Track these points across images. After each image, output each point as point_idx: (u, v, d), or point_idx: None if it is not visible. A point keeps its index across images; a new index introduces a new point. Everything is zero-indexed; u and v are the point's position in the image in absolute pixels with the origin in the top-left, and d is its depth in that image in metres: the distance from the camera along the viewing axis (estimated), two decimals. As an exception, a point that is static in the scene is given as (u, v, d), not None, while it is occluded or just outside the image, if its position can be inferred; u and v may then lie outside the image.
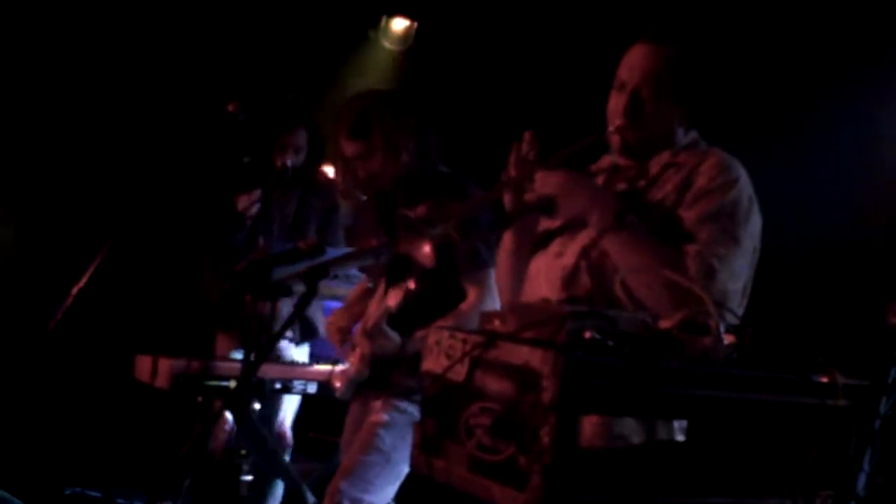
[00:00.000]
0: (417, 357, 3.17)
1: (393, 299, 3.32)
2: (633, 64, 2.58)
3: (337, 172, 3.60)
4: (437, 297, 3.35)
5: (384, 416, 3.39)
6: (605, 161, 2.72)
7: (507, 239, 2.73)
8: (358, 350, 3.46)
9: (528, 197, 2.54)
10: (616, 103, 2.59)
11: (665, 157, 2.59)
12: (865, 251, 4.66)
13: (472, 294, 3.34)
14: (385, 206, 3.54)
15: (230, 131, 4.36)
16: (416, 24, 6.93)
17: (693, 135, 2.65)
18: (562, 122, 2.73)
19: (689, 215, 2.45)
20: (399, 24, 6.93)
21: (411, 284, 3.35)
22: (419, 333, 3.30)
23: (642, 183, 2.58)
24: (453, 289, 3.35)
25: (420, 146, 3.47)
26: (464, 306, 3.34)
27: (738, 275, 2.42)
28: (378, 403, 3.46)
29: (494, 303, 3.18)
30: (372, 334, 3.33)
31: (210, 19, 6.24)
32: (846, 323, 4.17)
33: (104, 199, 5.96)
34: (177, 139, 6.01)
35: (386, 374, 3.42)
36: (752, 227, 2.50)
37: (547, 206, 2.50)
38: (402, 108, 3.50)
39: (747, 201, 2.49)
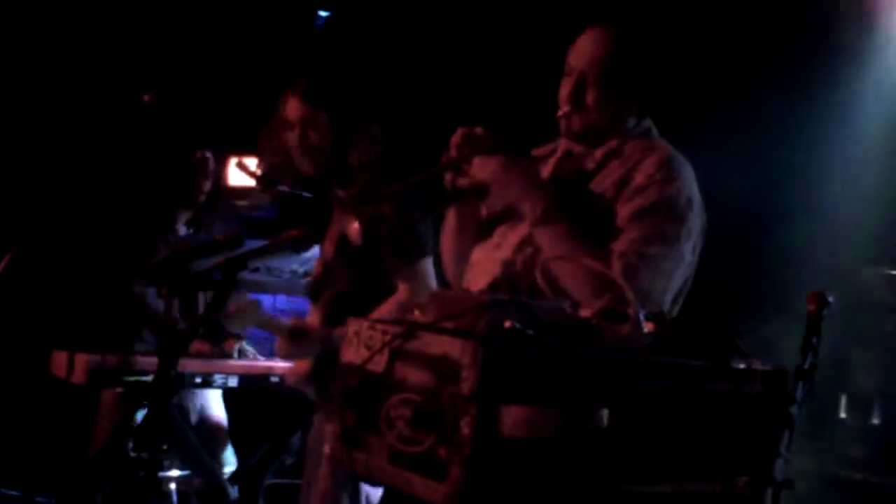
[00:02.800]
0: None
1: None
2: (580, 49, 2.56)
3: (268, 141, 3.53)
4: (367, 293, 3.31)
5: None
6: (561, 145, 2.68)
7: (450, 217, 2.70)
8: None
9: (463, 182, 2.52)
10: (564, 89, 2.56)
11: (612, 144, 2.55)
12: (783, 238, 4.74)
13: (401, 289, 3.30)
14: (317, 191, 3.50)
15: (146, 122, 4.30)
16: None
17: (646, 124, 2.62)
18: (503, 110, 2.72)
19: (622, 212, 2.42)
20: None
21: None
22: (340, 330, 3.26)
23: (587, 170, 2.55)
24: (383, 285, 3.31)
25: (371, 136, 3.44)
26: (392, 301, 3.29)
27: (664, 275, 2.38)
28: (329, 429, 3.35)
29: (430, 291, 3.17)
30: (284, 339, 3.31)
31: (121, 7, 6.13)
32: (763, 309, 4.24)
33: (15, 193, 5.82)
34: (89, 130, 5.90)
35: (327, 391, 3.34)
36: (691, 227, 2.45)
37: (482, 191, 2.49)
38: (363, 95, 3.47)
39: (685, 201, 2.45)
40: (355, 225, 3.19)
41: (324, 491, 3.26)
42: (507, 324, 1.80)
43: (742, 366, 1.96)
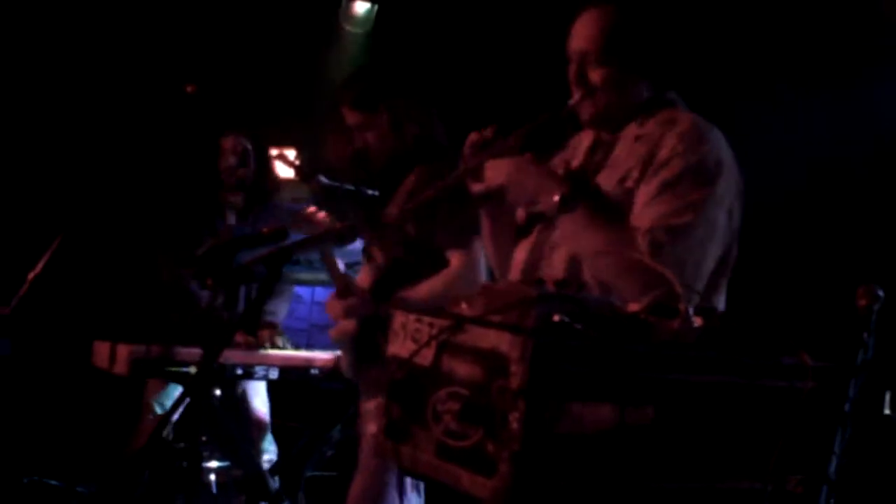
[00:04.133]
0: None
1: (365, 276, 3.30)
2: (576, 32, 2.52)
3: (333, 141, 3.54)
4: (420, 266, 3.29)
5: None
6: (586, 136, 2.64)
7: (483, 221, 2.69)
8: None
9: (480, 188, 2.49)
10: (570, 76, 2.52)
11: (632, 128, 2.50)
12: (836, 233, 4.68)
13: (455, 260, 3.26)
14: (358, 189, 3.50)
15: (188, 114, 4.31)
16: (376, 7, 6.91)
17: (668, 97, 2.55)
18: (529, 101, 2.69)
19: (647, 189, 2.36)
20: (359, 7, 6.91)
21: (378, 258, 3.30)
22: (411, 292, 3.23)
23: (614, 155, 2.50)
24: (436, 258, 3.28)
25: (424, 129, 3.43)
26: (447, 272, 3.25)
27: (696, 246, 2.31)
28: (370, 406, 3.34)
29: (480, 271, 3.16)
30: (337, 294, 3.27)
31: (168, 7, 6.16)
32: (815, 305, 4.19)
33: (60, 185, 5.87)
34: (131, 121, 5.93)
35: (372, 371, 3.32)
36: (722, 191, 2.37)
37: (499, 195, 2.47)
38: (411, 88, 3.46)
39: (713, 164, 2.37)
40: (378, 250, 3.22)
41: (369, 469, 3.26)
42: (556, 318, 1.78)
43: (794, 361, 1.92)
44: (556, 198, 2.35)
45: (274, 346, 4.58)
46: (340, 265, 3.28)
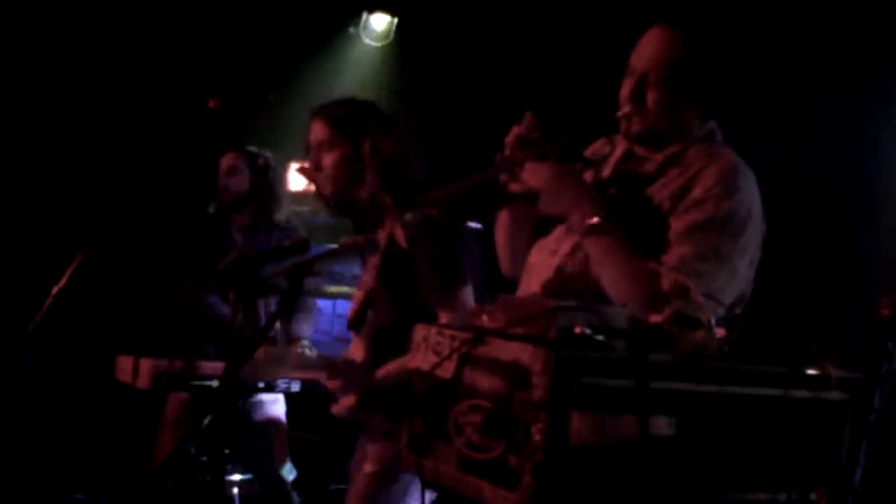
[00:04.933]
0: (389, 393, 3.10)
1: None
2: (642, 50, 2.50)
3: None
4: (409, 324, 3.26)
5: (374, 467, 3.25)
6: (620, 144, 2.63)
7: (503, 214, 2.68)
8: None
9: (515, 187, 2.49)
10: (624, 89, 2.51)
11: (674, 149, 2.49)
12: (858, 243, 4.65)
13: (444, 318, 3.22)
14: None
15: (210, 128, 4.33)
16: (396, 20, 6.91)
17: (709, 126, 2.55)
18: (550, 115, 2.68)
19: (677, 225, 2.36)
20: (380, 20, 6.92)
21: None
22: (381, 370, 3.19)
23: (647, 174, 2.49)
24: (425, 315, 3.24)
25: (396, 164, 3.38)
26: None
27: (716, 292, 2.30)
28: (369, 450, 3.30)
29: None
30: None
31: (187, 14, 6.19)
32: (838, 315, 4.16)
33: (83, 199, 5.90)
34: (154, 137, 5.96)
35: (373, 420, 3.29)
36: (747, 242, 2.38)
37: (533, 197, 2.46)
38: (394, 123, 3.42)
39: (744, 214, 2.38)
40: (399, 231, 3.16)
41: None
42: (578, 329, 1.78)
43: (818, 372, 1.92)
44: (589, 221, 2.35)
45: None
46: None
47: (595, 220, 2.34)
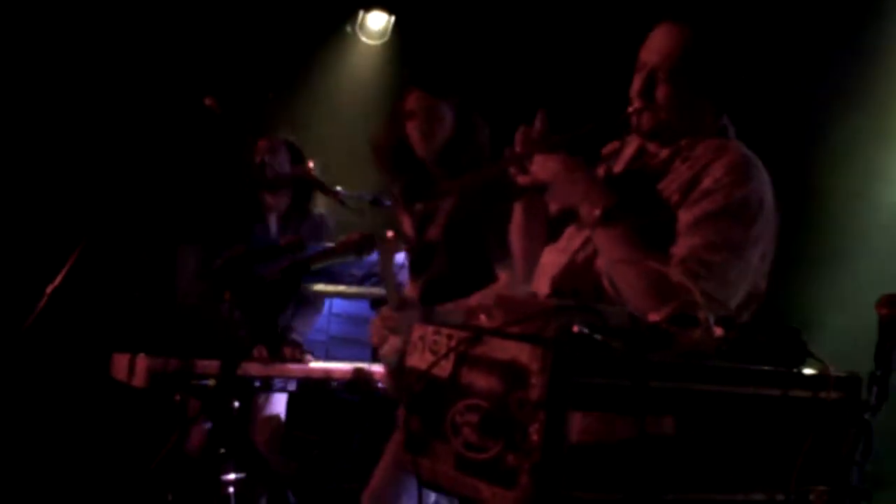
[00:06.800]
0: None
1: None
2: (652, 45, 2.51)
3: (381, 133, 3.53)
4: (466, 278, 3.27)
5: None
6: (632, 141, 2.63)
7: (517, 213, 2.68)
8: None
9: (524, 180, 2.48)
10: (634, 85, 2.51)
11: (683, 143, 2.49)
12: (858, 243, 4.65)
13: (504, 276, 3.24)
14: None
15: (207, 126, 4.32)
16: (393, 18, 6.91)
17: (721, 122, 2.55)
18: (552, 111, 2.68)
19: (686, 217, 2.35)
20: (377, 18, 6.91)
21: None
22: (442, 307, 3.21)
23: (657, 169, 2.50)
24: (483, 272, 3.26)
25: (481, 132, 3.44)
26: (497, 287, 3.22)
27: (727, 284, 2.30)
28: None
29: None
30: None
31: (184, 13, 6.18)
32: (838, 315, 4.16)
33: (79, 196, 5.88)
34: (152, 134, 5.95)
35: None
36: (759, 233, 2.37)
37: (542, 190, 2.46)
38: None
39: (756, 203, 2.37)
40: (406, 222, 3.16)
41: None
42: (576, 329, 1.77)
43: (815, 371, 1.91)
44: (598, 211, 2.34)
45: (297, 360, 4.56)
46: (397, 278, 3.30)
47: (603, 211, 2.34)
